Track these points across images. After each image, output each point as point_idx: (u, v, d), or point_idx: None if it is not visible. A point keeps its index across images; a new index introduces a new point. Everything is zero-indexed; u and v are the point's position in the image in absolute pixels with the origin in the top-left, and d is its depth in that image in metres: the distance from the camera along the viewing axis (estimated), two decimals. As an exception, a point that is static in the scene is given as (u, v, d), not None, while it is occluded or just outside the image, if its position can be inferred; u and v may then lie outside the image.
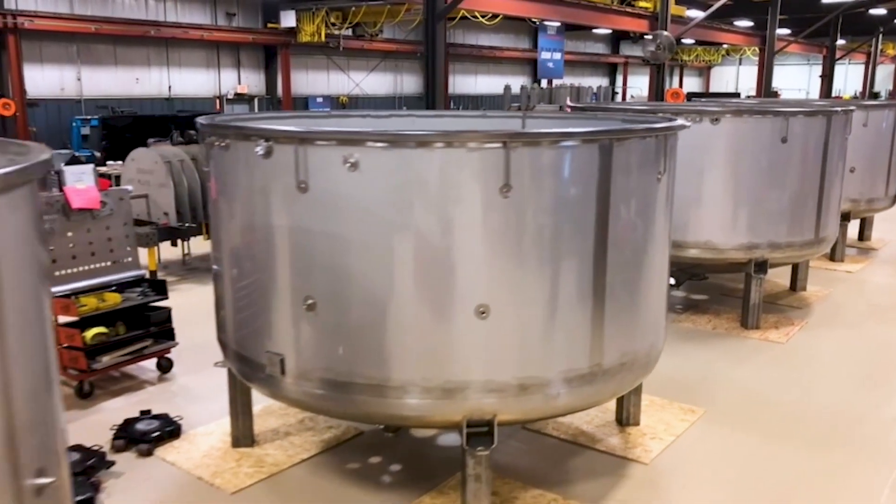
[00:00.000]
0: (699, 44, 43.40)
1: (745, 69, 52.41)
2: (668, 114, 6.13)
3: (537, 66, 32.83)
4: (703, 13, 23.27)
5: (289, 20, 25.78)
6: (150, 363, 5.83)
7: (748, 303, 7.00)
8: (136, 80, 23.79)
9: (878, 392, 5.69)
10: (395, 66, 32.70)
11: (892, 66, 48.85)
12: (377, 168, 3.37)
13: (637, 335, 3.95)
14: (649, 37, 18.47)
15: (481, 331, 3.47)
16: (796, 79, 50.46)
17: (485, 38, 34.51)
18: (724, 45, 41.01)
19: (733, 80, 53.94)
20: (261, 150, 3.53)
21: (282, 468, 4.41)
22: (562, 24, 28.60)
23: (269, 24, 26.68)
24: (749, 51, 40.69)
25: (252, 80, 27.65)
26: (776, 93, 32.30)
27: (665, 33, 17.50)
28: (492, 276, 3.46)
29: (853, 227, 10.54)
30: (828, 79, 34.59)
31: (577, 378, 3.68)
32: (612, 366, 3.80)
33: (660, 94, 19.45)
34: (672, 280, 5.65)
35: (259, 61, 27.81)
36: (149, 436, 4.64)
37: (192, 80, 25.50)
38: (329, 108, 27.92)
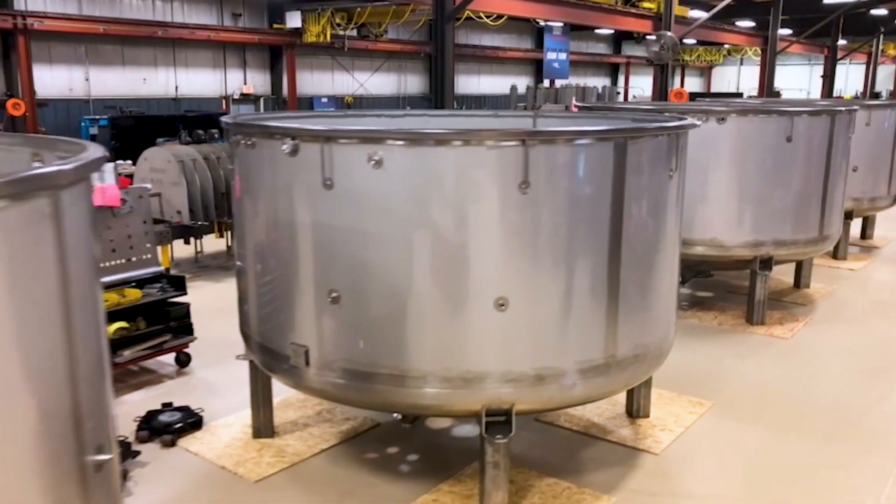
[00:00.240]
0: (701, 44, 43.45)
1: (745, 69, 52.50)
2: (674, 113, 6.23)
3: (542, 66, 32.90)
4: (706, 14, 23.38)
5: (294, 21, 25.94)
6: (168, 358, 5.95)
7: (753, 299, 7.10)
8: (144, 80, 23.94)
9: (881, 386, 5.80)
10: (399, 67, 32.81)
11: (893, 67, 48.94)
12: (401, 165, 3.48)
13: (649, 328, 4.06)
14: (653, 37, 18.57)
15: (500, 323, 3.58)
16: (797, 79, 50.53)
17: (487, 39, 34.60)
18: (726, 46, 41.09)
19: (734, 80, 54.02)
20: (287, 148, 3.65)
21: (302, 458, 4.53)
22: (566, 25, 28.69)
23: (275, 25, 26.82)
24: (750, 51, 40.76)
25: (258, 81, 27.79)
26: (778, 93, 32.38)
27: (669, 34, 17.61)
28: (510, 269, 3.57)
29: (855, 226, 10.63)
30: (829, 79, 34.72)
31: (591, 369, 3.79)
32: (626, 357, 3.91)
33: (663, 94, 19.56)
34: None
35: (265, 61, 27.94)
36: (172, 427, 4.76)
37: (198, 81, 25.65)
38: (334, 108, 28.04)
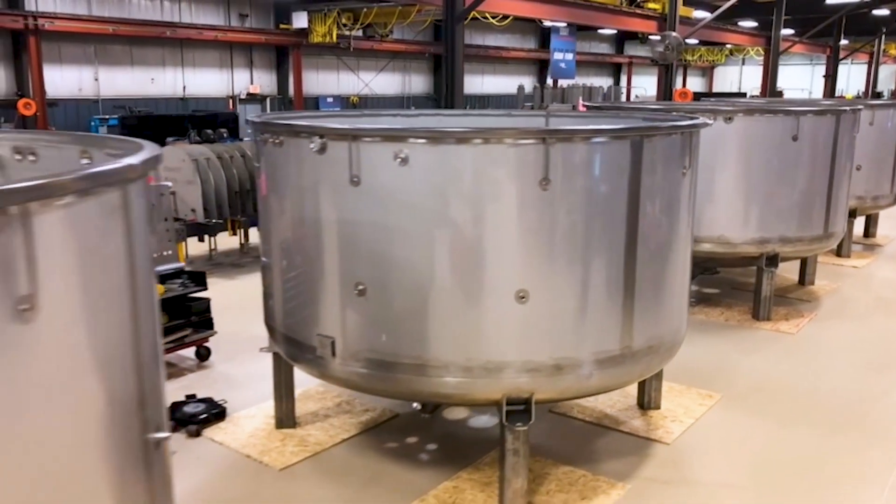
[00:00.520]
0: (703, 44, 43.60)
1: (747, 69, 52.62)
2: (682, 112, 6.37)
3: (548, 66, 32.98)
4: (709, 14, 23.50)
5: (301, 21, 26.10)
6: (189, 352, 6.09)
7: (760, 295, 7.23)
8: (152, 80, 24.11)
9: (885, 380, 5.93)
10: (404, 67, 32.98)
11: (894, 67, 49.03)
12: (426, 162, 3.61)
13: (663, 320, 4.20)
14: (658, 37, 18.70)
15: (520, 315, 3.71)
16: (799, 78, 50.65)
17: (492, 39, 34.76)
18: (728, 46, 41.21)
19: (736, 80, 54.17)
20: (315, 146, 3.79)
21: (324, 447, 4.67)
22: (573, 26, 28.83)
23: (281, 25, 26.97)
24: (752, 51, 40.88)
25: (264, 81, 27.95)
26: (780, 92, 32.51)
27: (673, 34, 17.72)
28: (531, 263, 3.70)
29: (859, 224, 10.76)
30: (831, 79, 34.83)
31: (608, 359, 3.93)
32: (641, 349, 4.05)
33: (668, 94, 19.68)
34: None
35: (271, 62, 28.10)
36: (197, 417, 4.90)
37: (205, 80, 25.83)
38: (339, 108, 28.18)
